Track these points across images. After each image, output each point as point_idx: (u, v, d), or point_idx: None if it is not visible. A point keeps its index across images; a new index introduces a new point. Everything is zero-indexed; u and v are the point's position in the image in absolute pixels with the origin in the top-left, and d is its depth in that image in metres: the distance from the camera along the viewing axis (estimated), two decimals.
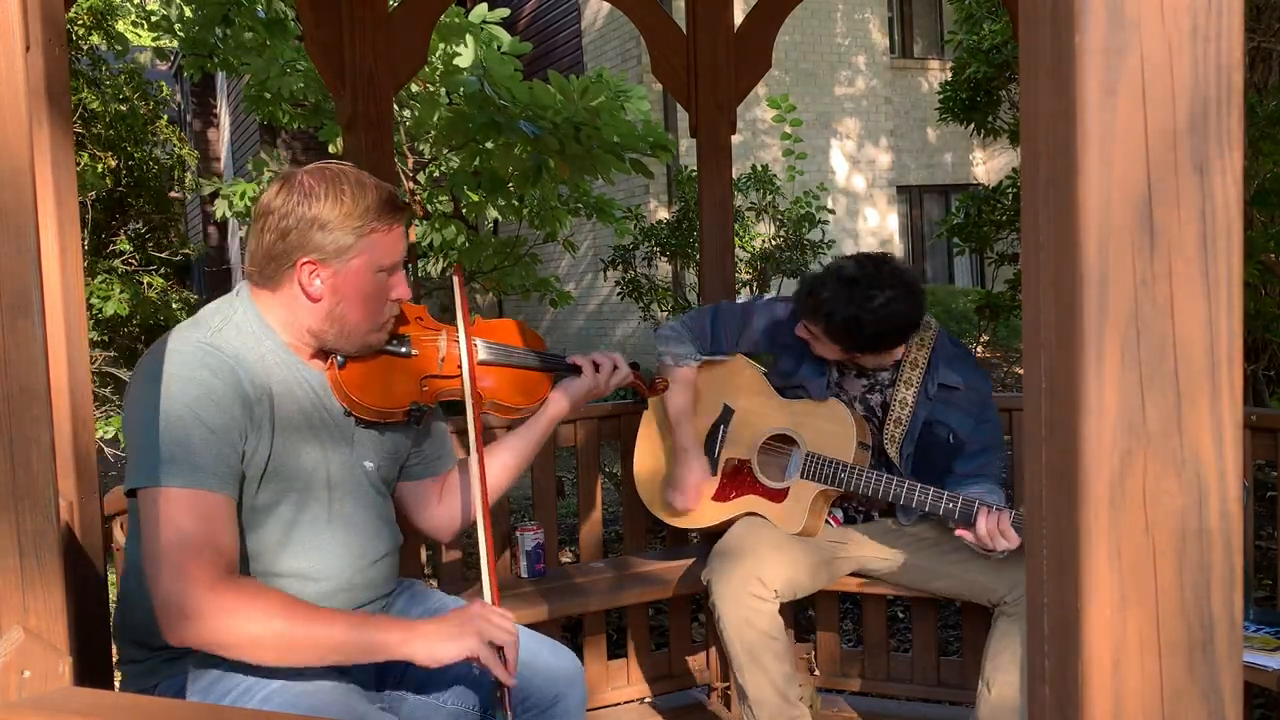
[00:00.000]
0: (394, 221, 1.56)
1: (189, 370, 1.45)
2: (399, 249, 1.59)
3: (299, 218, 1.51)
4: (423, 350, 1.71)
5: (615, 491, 4.15)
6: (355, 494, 1.63)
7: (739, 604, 2.25)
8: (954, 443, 2.40)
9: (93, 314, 5.79)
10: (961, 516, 2.20)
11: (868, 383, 2.49)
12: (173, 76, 14.77)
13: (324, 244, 1.51)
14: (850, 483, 2.34)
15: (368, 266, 1.54)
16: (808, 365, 2.48)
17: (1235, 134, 0.70)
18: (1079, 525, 0.71)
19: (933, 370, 2.41)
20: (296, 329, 1.58)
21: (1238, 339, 0.71)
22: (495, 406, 1.81)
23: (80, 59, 6.77)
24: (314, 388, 1.59)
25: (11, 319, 1.04)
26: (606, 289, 9.93)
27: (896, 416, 2.41)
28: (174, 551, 1.38)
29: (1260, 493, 3.65)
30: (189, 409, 1.42)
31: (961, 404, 2.40)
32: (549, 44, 12.12)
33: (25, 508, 1.05)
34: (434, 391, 1.72)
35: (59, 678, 1.08)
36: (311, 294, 1.54)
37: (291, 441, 1.54)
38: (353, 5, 2.68)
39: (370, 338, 1.61)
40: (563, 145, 4.46)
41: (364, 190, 1.54)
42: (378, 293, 1.57)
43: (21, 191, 1.05)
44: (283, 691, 1.47)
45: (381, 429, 1.67)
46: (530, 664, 1.69)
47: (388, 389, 1.64)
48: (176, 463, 1.40)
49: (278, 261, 1.53)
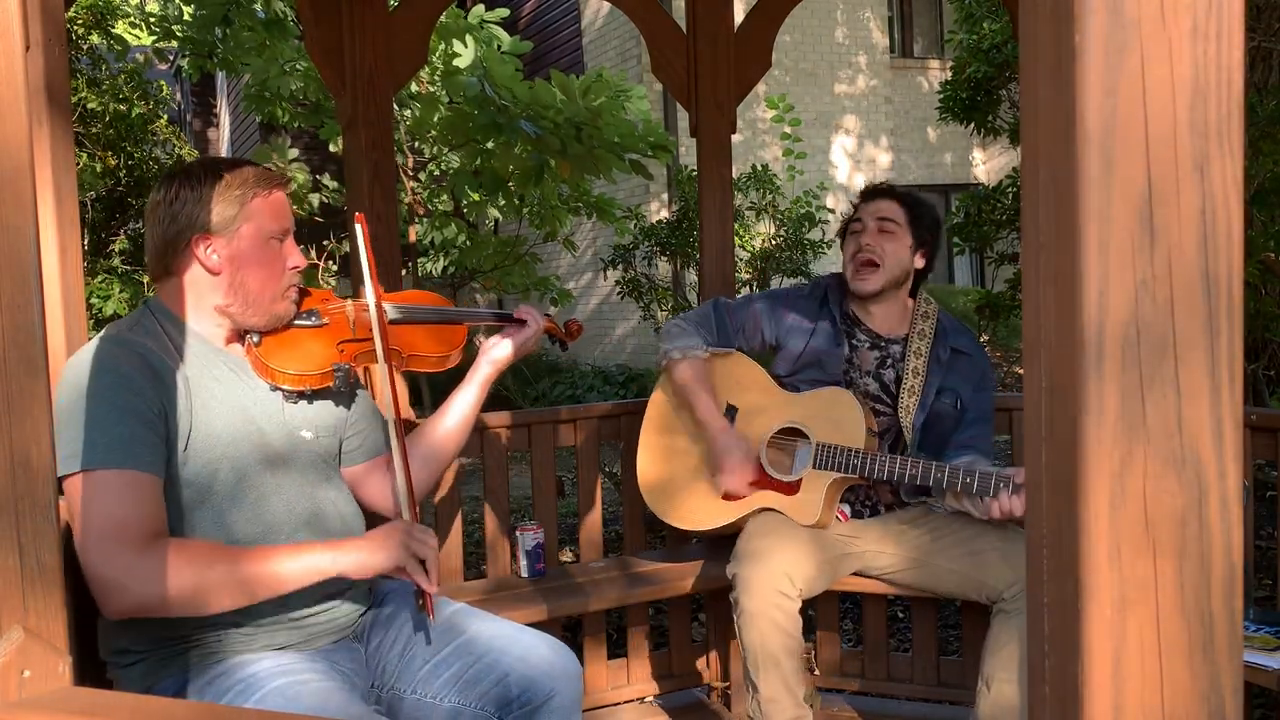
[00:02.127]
0: (271, 187, 1.67)
1: (99, 364, 1.53)
2: (285, 215, 1.70)
3: (184, 199, 1.62)
4: (333, 319, 1.80)
5: (615, 491, 4.15)
6: (298, 463, 1.69)
7: (766, 600, 2.23)
8: (958, 409, 2.46)
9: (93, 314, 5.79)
10: (980, 490, 2.22)
11: (879, 355, 2.52)
12: (173, 76, 14.76)
13: (210, 218, 1.62)
14: (865, 468, 2.34)
15: (257, 233, 1.65)
16: (821, 338, 2.52)
17: (1235, 134, 0.70)
18: (1079, 525, 0.71)
19: (941, 338, 2.50)
20: (205, 311, 1.67)
21: (1238, 339, 0.71)
22: (414, 359, 1.89)
23: (80, 59, 6.77)
24: (234, 369, 1.67)
25: (11, 319, 1.04)
26: (606, 288, 9.93)
27: (910, 386, 2.46)
28: (100, 528, 1.44)
29: (1260, 493, 3.65)
30: (102, 396, 1.50)
31: (966, 370, 2.49)
32: (549, 44, 12.12)
33: (25, 508, 1.05)
34: (351, 353, 1.79)
35: (59, 678, 1.08)
36: (211, 267, 1.64)
37: (215, 416, 1.60)
38: (353, 5, 2.68)
39: (276, 306, 1.70)
40: (564, 145, 4.46)
41: (238, 166, 1.67)
42: (272, 259, 1.67)
43: (21, 191, 1.05)
44: (280, 691, 1.48)
45: (311, 399, 1.75)
46: (525, 659, 1.70)
47: (306, 356, 1.72)
48: (95, 446, 1.47)
49: (174, 245, 1.63)
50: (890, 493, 2.54)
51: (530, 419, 2.87)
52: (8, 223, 1.04)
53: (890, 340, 2.53)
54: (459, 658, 1.70)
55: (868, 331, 2.54)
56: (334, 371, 1.73)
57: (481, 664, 1.69)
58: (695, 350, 2.56)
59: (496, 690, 1.67)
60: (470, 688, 1.68)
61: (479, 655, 1.70)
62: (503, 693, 1.67)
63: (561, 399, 9.03)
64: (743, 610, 2.27)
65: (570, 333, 2.22)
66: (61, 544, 1.11)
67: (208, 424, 1.58)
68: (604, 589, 2.66)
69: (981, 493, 2.23)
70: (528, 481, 2.96)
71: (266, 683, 1.50)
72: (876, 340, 2.54)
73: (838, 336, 2.52)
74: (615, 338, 11.23)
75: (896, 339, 2.53)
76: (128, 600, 1.44)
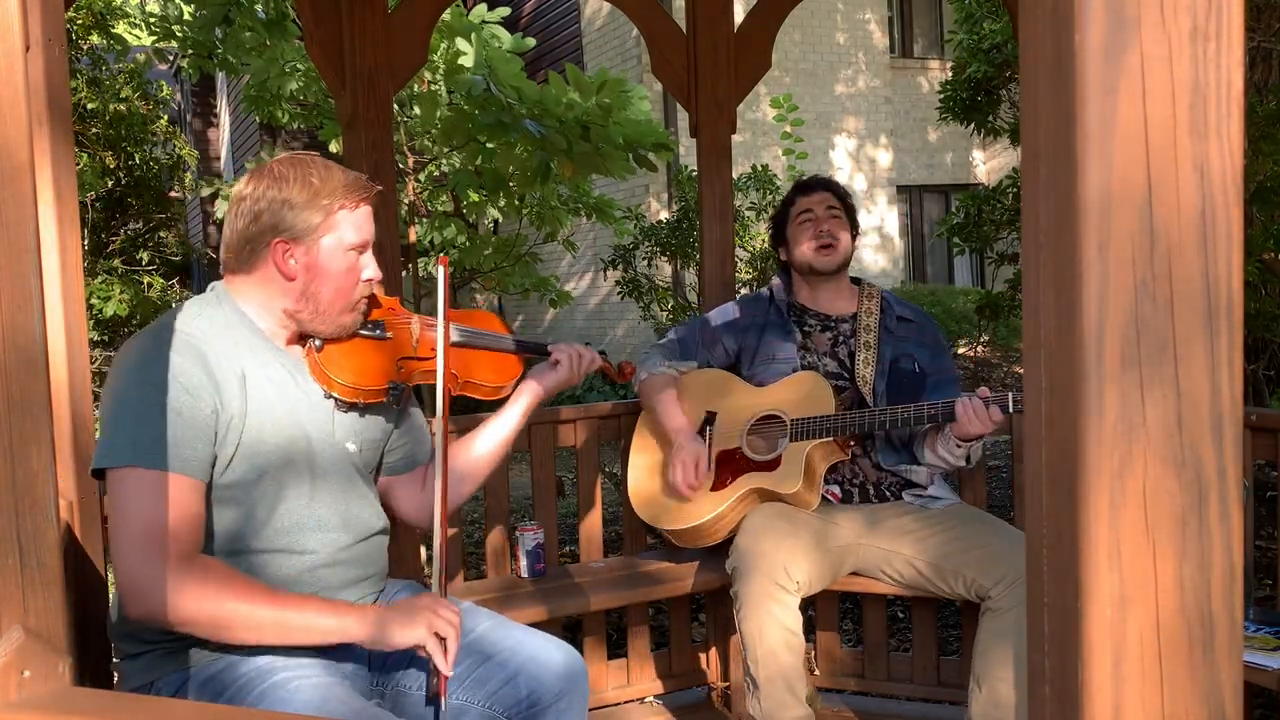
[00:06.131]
0: (360, 199, 1.64)
1: (158, 354, 1.50)
2: (367, 228, 1.67)
3: (270, 200, 1.59)
4: (397, 334, 1.78)
5: (615, 491, 4.15)
6: (338, 474, 1.68)
7: (764, 591, 2.25)
8: (919, 372, 2.64)
9: (93, 314, 5.79)
10: (944, 415, 2.36)
11: (832, 335, 2.69)
12: (173, 76, 14.76)
13: (294, 223, 1.59)
14: (836, 428, 2.44)
15: (337, 244, 1.62)
16: (772, 333, 2.69)
17: (1235, 134, 0.70)
18: (1079, 525, 0.71)
19: (887, 312, 2.71)
20: (273, 311, 1.65)
21: (1238, 339, 0.71)
22: (469, 385, 1.87)
23: (80, 59, 6.77)
24: (291, 371, 1.65)
25: (11, 319, 1.04)
26: (606, 289, 9.93)
27: (863, 358, 2.62)
28: (138, 531, 1.43)
29: (1260, 493, 3.65)
30: (157, 392, 1.48)
31: (917, 336, 2.69)
32: (549, 43, 12.12)
33: (25, 508, 1.05)
34: (410, 371, 1.77)
35: (59, 678, 1.08)
36: (287, 273, 1.61)
37: (267, 420, 1.58)
38: (353, 5, 2.68)
39: (344, 318, 1.67)
40: (569, 144, 4.44)
41: (330, 172, 1.63)
42: (348, 271, 1.65)
43: (21, 191, 1.05)
44: (281, 685, 1.49)
45: (362, 412, 1.73)
46: (534, 660, 1.70)
47: (365, 369, 1.70)
48: (144, 445, 1.45)
49: (253, 244, 1.61)
50: (873, 467, 2.59)
51: (530, 419, 2.85)
52: (8, 222, 1.04)
53: (840, 319, 2.71)
54: (466, 657, 1.70)
55: (817, 315, 2.71)
56: (389, 389, 1.71)
57: (490, 664, 1.70)
58: (657, 369, 2.73)
59: (504, 690, 1.68)
60: (478, 687, 1.68)
61: (487, 655, 1.71)
62: (510, 693, 1.68)
63: (561, 399, 9.03)
64: (741, 602, 2.29)
65: (623, 373, 2.23)
66: (62, 544, 1.11)
67: (259, 428, 1.57)
68: (604, 589, 2.66)
69: (946, 417, 2.35)
70: (528, 481, 2.96)
71: (268, 678, 1.50)
72: (827, 321, 2.70)
73: (787, 326, 2.69)
74: (615, 338, 11.23)
75: (845, 317, 2.71)
76: (151, 609, 1.43)
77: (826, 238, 2.68)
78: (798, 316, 2.72)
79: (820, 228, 2.69)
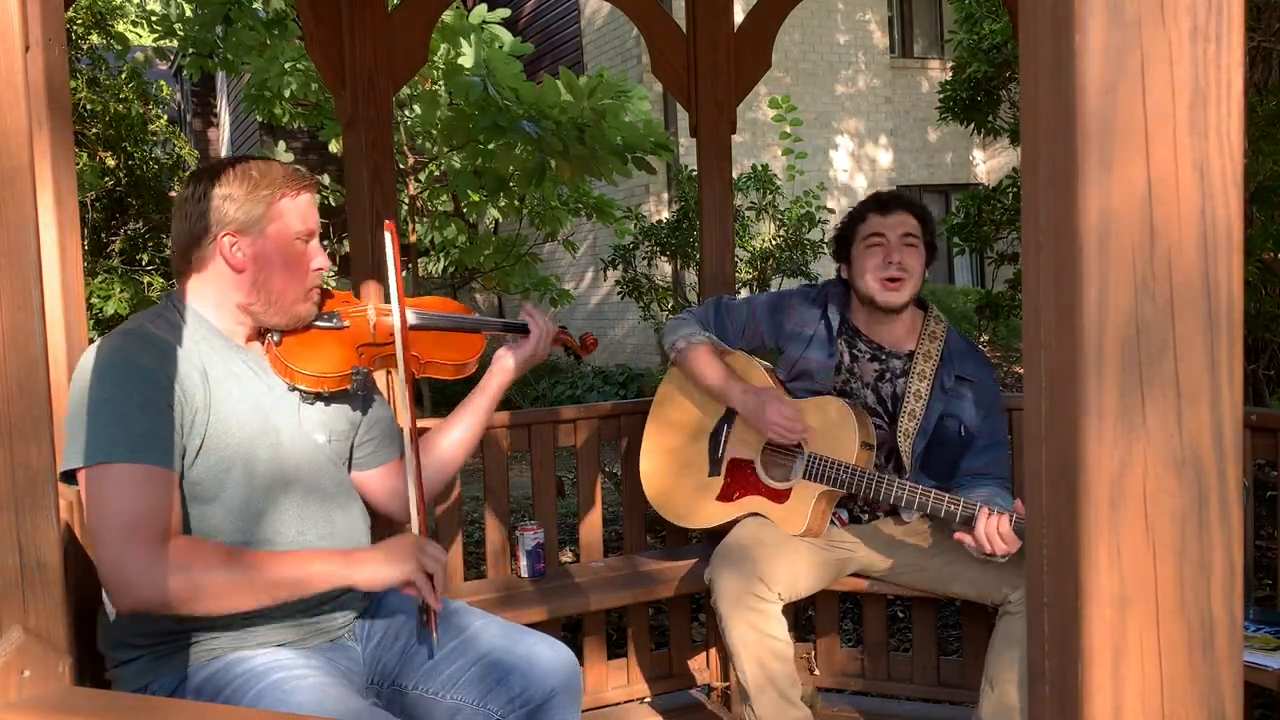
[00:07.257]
0: (300, 187, 1.68)
1: (120, 356, 1.53)
2: (311, 216, 1.70)
3: (211, 196, 1.63)
4: (354, 322, 1.81)
5: (615, 491, 4.15)
6: (310, 466, 1.69)
7: (741, 604, 2.25)
8: (964, 436, 2.42)
9: (93, 314, 5.79)
10: (962, 520, 2.19)
11: (879, 368, 2.48)
12: (173, 76, 14.75)
13: (238, 215, 1.63)
14: (852, 484, 2.34)
15: (283, 233, 1.66)
16: (815, 348, 2.49)
17: (1235, 134, 0.70)
18: (1079, 525, 0.71)
19: (947, 364, 2.44)
20: (228, 308, 1.67)
21: (1238, 339, 0.71)
22: (431, 365, 1.89)
23: (80, 59, 6.76)
24: (253, 367, 1.67)
25: (11, 319, 1.04)
26: (606, 288, 9.93)
27: (910, 410, 2.41)
28: (119, 525, 1.44)
29: (1260, 493, 3.65)
30: (122, 389, 1.50)
31: (974, 396, 2.43)
32: (549, 43, 12.12)
33: (25, 508, 1.05)
34: (370, 357, 1.80)
35: (59, 678, 1.08)
36: (235, 265, 1.64)
37: (231, 414, 1.60)
38: (353, 5, 2.68)
39: (298, 308, 1.70)
40: (566, 146, 4.45)
41: (269, 165, 1.68)
42: (297, 259, 1.68)
43: (21, 191, 1.05)
44: (277, 686, 1.49)
45: (328, 402, 1.75)
46: (527, 658, 1.71)
47: (326, 358, 1.72)
48: (116, 440, 1.47)
49: (199, 241, 1.64)
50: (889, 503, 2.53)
51: (530, 419, 2.87)
52: (8, 222, 1.04)
53: (892, 354, 2.48)
54: (460, 655, 1.71)
55: (869, 343, 2.50)
56: (352, 374, 1.73)
57: (483, 663, 1.70)
58: (698, 336, 2.54)
59: (498, 689, 1.68)
60: (471, 686, 1.69)
61: (481, 654, 1.71)
62: (504, 691, 1.68)
63: (561, 399, 9.04)
64: (721, 615, 2.29)
65: (585, 346, 2.21)
66: (62, 544, 1.11)
67: (224, 422, 1.59)
68: (604, 589, 2.66)
69: (963, 524, 2.18)
70: (528, 481, 2.96)
71: (263, 678, 1.50)
72: (878, 352, 2.49)
73: (832, 346, 2.49)
74: (615, 338, 11.23)
75: (899, 354, 2.48)
76: (140, 597, 1.44)
77: (896, 270, 2.38)
78: (848, 338, 2.51)
79: (890, 257, 2.39)
